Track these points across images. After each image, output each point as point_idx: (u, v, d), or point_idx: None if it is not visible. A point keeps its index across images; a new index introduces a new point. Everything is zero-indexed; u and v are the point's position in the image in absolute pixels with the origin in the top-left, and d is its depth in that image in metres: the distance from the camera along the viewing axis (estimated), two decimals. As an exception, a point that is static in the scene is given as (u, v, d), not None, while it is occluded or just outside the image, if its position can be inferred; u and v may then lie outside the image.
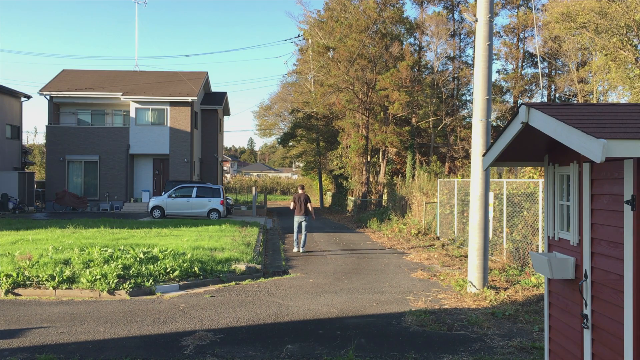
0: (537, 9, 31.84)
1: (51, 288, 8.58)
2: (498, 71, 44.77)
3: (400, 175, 30.53)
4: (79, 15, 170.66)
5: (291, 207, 14.48)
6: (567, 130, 3.12)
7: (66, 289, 8.61)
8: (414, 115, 32.39)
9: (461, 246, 14.15)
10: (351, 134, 32.31)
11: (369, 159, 31.66)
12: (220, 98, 35.35)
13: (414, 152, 31.17)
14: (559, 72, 34.73)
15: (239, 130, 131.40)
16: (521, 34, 36.05)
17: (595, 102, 24.89)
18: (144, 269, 9.48)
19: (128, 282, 8.78)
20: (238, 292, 9.03)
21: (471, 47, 35.69)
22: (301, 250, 14.16)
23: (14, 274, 8.72)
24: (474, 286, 8.94)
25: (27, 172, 30.05)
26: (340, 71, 29.99)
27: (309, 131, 38.84)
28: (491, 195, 12.32)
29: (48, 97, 29.55)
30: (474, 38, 13.54)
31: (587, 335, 3.69)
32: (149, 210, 23.36)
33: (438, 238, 16.63)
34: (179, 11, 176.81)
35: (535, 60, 35.11)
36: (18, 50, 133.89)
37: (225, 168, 69.65)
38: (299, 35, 37.70)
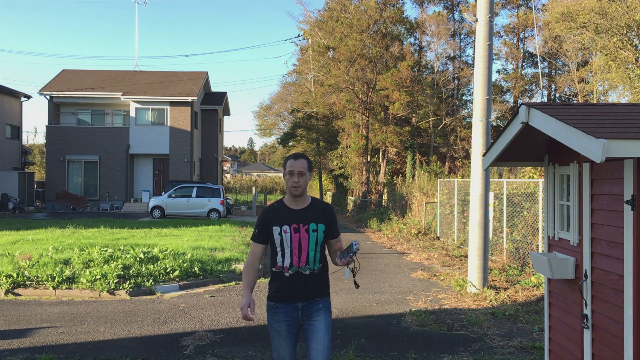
0: (537, 8, 31.84)
1: (51, 288, 8.58)
2: (498, 71, 44.79)
3: (400, 175, 30.53)
4: (79, 16, 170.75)
5: None
6: (567, 130, 3.12)
7: (66, 289, 8.61)
8: (414, 115, 32.39)
9: (461, 246, 14.14)
10: (351, 134, 32.32)
11: (369, 159, 31.67)
12: (220, 98, 35.36)
13: (414, 152, 31.16)
14: (559, 72, 34.72)
15: (239, 130, 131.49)
16: (521, 34, 36.05)
17: (595, 102, 24.89)
18: (144, 269, 9.48)
19: (128, 282, 8.78)
20: (238, 292, 9.02)
21: (471, 47, 35.69)
22: None
23: (14, 274, 8.72)
24: (474, 286, 8.94)
25: (27, 172, 30.06)
26: (341, 71, 29.99)
27: (309, 131, 38.86)
28: (491, 195, 12.32)
29: (48, 97, 29.55)
30: (474, 38, 13.57)
31: (587, 335, 3.68)
32: (149, 210, 23.38)
33: (438, 238, 16.62)
34: (179, 12, 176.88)
35: (536, 60, 35.10)
36: (18, 50, 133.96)
37: (225, 168, 69.64)
38: (299, 35, 37.71)
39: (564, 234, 4.11)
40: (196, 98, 29.39)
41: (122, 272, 9.09)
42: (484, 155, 4.63)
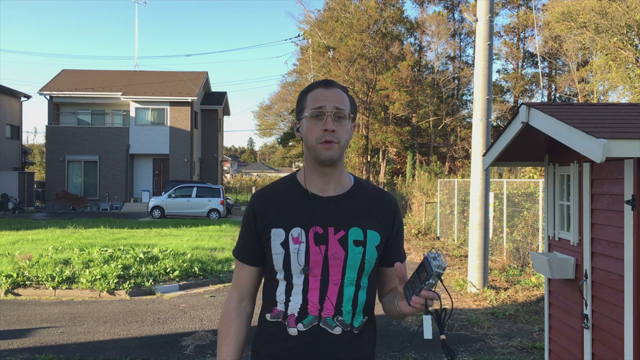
0: (538, 8, 31.84)
1: (51, 288, 8.58)
2: (498, 71, 44.82)
3: (400, 175, 30.54)
4: (79, 16, 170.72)
5: None
6: (567, 130, 3.11)
7: (66, 289, 8.61)
8: (414, 115, 32.41)
9: (461, 246, 14.14)
10: (351, 134, 32.30)
11: (369, 159, 31.67)
12: (220, 98, 35.36)
13: (414, 152, 31.17)
14: (560, 71, 34.75)
15: (239, 130, 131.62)
16: (521, 34, 36.07)
17: (595, 102, 24.88)
18: (144, 269, 9.48)
19: (128, 282, 8.78)
20: (238, 292, 9.01)
21: (471, 47, 35.69)
22: None
23: (14, 274, 8.72)
24: (474, 286, 8.93)
25: (27, 172, 30.05)
26: (341, 71, 29.99)
27: (309, 131, 38.84)
28: (491, 195, 12.31)
29: (48, 97, 29.55)
30: (474, 38, 13.55)
31: (587, 335, 3.68)
32: (149, 210, 23.37)
33: (438, 238, 16.62)
34: (178, 12, 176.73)
35: (536, 60, 35.10)
36: (18, 50, 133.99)
37: (225, 168, 69.58)
38: (299, 35, 37.72)
39: (564, 234, 4.11)
40: (196, 98, 29.38)
41: (122, 272, 9.09)
42: (484, 155, 4.63)
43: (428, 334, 1.53)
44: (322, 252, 1.66)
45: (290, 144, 45.42)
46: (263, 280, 1.82)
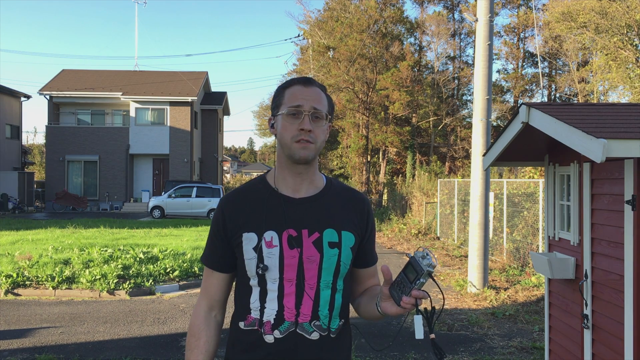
0: (538, 8, 31.84)
1: (51, 288, 8.58)
2: (498, 71, 44.82)
3: (400, 175, 30.55)
4: (79, 16, 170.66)
5: None
6: (568, 130, 3.11)
7: (66, 289, 8.61)
8: (414, 115, 32.41)
9: (461, 246, 14.14)
10: (351, 134, 32.33)
11: (369, 159, 31.67)
12: (220, 98, 35.37)
13: (414, 152, 31.17)
14: (560, 71, 34.74)
15: (239, 130, 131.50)
16: (522, 34, 36.06)
17: (595, 102, 24.88)
18: (143, 269, 9.48)
19: (128, 282, 8.78)
20: (238, 292, 9.01)
21: (471, 47, 35.69)
22: None
23: (14, 274, 8.72)
24: (474, 286, 8.93)
25: (26, 172, 30.06)
26: (341, 71, 30.00)
27: (308, 131, 38.77)
28: (491, 195, 12.31)
29: (48, 97, 29.55)
30: (474, 38, 13.54)
31: (587, 335, 3.68)
32: (149, 210, 23.38)
33: (438, 238, 16.62)
34: (178, 12, 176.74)
35: (536, 60, 35.10)
36: (18, 50, 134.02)
37: (225, 168, 69.59)
38: (298, 35, 37.71)
39: (564, 234, 4.10)
40: (196, 98, 29.39)
41: (122, 272, 9.09)
42: (484, 155, 4.63)
43: (419, 333, 1.52)
44: (297, 255, 1.61)
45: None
46: (234, 288, 1.77)
